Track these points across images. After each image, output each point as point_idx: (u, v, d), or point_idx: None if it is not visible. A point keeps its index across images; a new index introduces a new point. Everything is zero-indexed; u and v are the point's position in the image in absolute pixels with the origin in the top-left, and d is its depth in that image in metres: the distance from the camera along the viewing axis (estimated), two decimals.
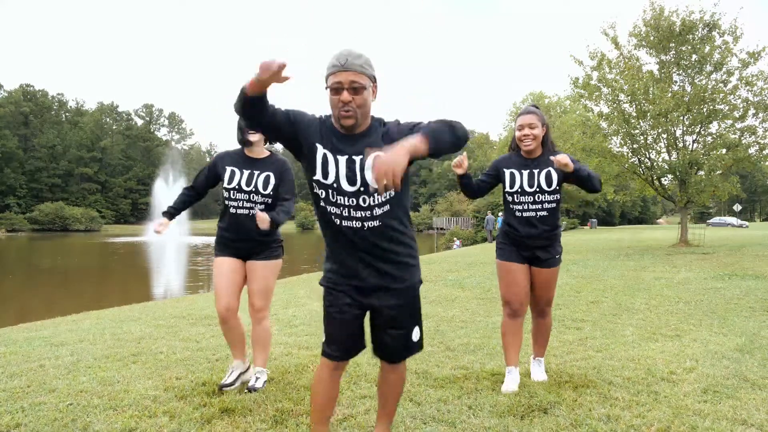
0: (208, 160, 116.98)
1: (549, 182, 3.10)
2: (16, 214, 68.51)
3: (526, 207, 3.13)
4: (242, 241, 3.21)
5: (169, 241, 38.34)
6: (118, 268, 21.96)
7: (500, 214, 32.16)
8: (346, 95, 1.84)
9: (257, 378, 3.22)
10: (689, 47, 14.80)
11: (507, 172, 3.18)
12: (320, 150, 1.94)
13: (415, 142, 1.67)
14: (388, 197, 1.95)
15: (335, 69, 1.85)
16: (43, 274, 19.20)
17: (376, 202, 1.94)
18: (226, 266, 3.22)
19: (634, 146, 15.73)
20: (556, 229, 3.20)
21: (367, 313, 2.11)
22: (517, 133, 3.16)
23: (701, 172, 15.18)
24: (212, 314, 6.05)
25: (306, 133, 1.95)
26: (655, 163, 16.07)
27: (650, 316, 5.29)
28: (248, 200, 3.16)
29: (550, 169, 3.10)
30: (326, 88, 1.90)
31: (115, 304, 8.30)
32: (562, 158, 2.94)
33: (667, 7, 15.08)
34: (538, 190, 3.10)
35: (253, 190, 3.16)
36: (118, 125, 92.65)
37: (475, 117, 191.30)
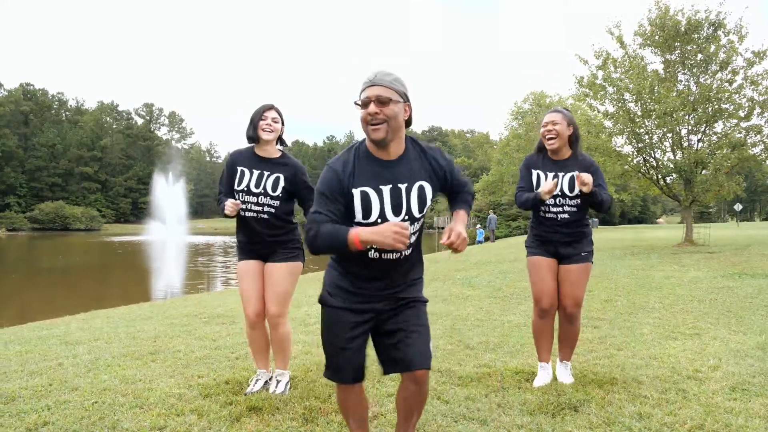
0: (207, 159, 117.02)
1: (571, 187, 3.13)
2: (17, 213, 68.46)
3: (548, 209, 3.19)
4: (257, 243, 3.10)
5: (170, 241, 38.28)
6: (119, 268, 21.91)
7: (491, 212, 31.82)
8: (372, 107, 1.86)
9: (278, 382, 3.12)
10: (694, 46, 14.77)
11: (534, 173, 3.24)
12: (356, 192, 1.92)
13: (466, 220, 2.07)
14: (419, 226, 2.03)
15: (365, 85, 1.91)
16: (43, 274, 19.15)
17: (414, 230, 2.00)
18: (249, 270, 3.13)
19: (639, 145, 15.70)
20: (583, 228, 3.22)
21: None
22: (542, 130, 3.19)
23: (706, 172, 15.16)
24: (225, 313, 6.04)
25: (343, 191, 1.92)
26: (660, 163, 16.06)
27: (666, 315, 5.28)
28: (256, 203, 3.03)
29: (574, 174, 3.12)
30: (357, 106, 1.93)
31: (118, 303, 8.28)
32: (586, 178, 2.99)
33: (672, 6, 15.03)
34: (559, 194, 3.14)
35: (262, 191, 3.02)
36: (119, 124, 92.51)
37: (474, 116, 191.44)
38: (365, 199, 1.92)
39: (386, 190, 1.93)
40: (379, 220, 1.92)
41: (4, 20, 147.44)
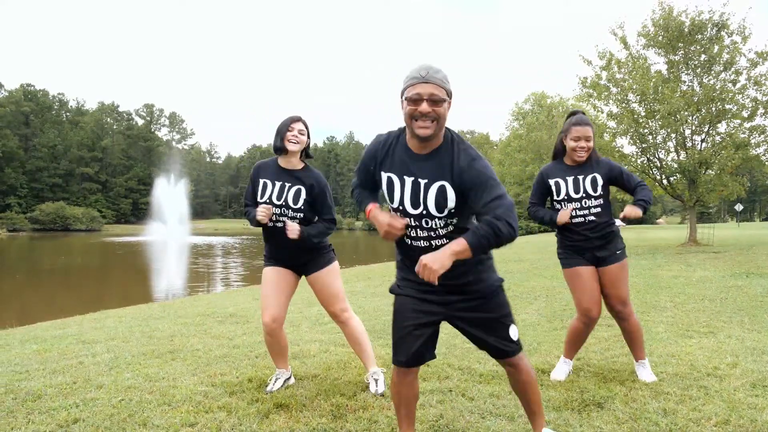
0: (208, 160, 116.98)
1: (594, 187, 3.14)
2: (17, 213, 68.29)
3: (574, 213, 3.17)
4: (285, 254, 3.11)
5: (170, 242, 38.28)
6: (119, 268, 21.91)
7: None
8: (425, 106, 1.86)
9: (376, 380, 3.09)
10: (698, 47, 14.83)
11: (552, 182, 3.23)
12: (384, 175, 2.04)
13: (460, 250, 1.80)
14: (449, 214, 1.96)
15: (415, 81, 1.88)
16: (44, 274, 19.15)
17: (439, 225, 1.98)
18: (272, 276, 3.12)
19: (643, 146, 15.75)
20: (609, 227, 3.20)
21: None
22: (572, 144, 3.13)
23: (710, 172, 15.21)
24: (237, 312, 6.06)
25: (376, 162, 2.08)
26: (664, 163, 16.11)
27: (679, 314, 5.30)
28: (280, 214, 3.03)
29: (596, 174, 3.14)
30: (403, 99, 1.92)
31: (119, 304, 8.27)
32: (631, 212, 3.09)
33: (676, 7, 15.09)
34: (584, 195, 3.14)
35: (284, 204, 3.03)
36: (119, 125, 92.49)
37: (474, 116, 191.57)
38: (390, 185, 2.02)
39: (408, 182, 1.97)
40: (400, 208, 2.01)
41: (4, 20, 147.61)
